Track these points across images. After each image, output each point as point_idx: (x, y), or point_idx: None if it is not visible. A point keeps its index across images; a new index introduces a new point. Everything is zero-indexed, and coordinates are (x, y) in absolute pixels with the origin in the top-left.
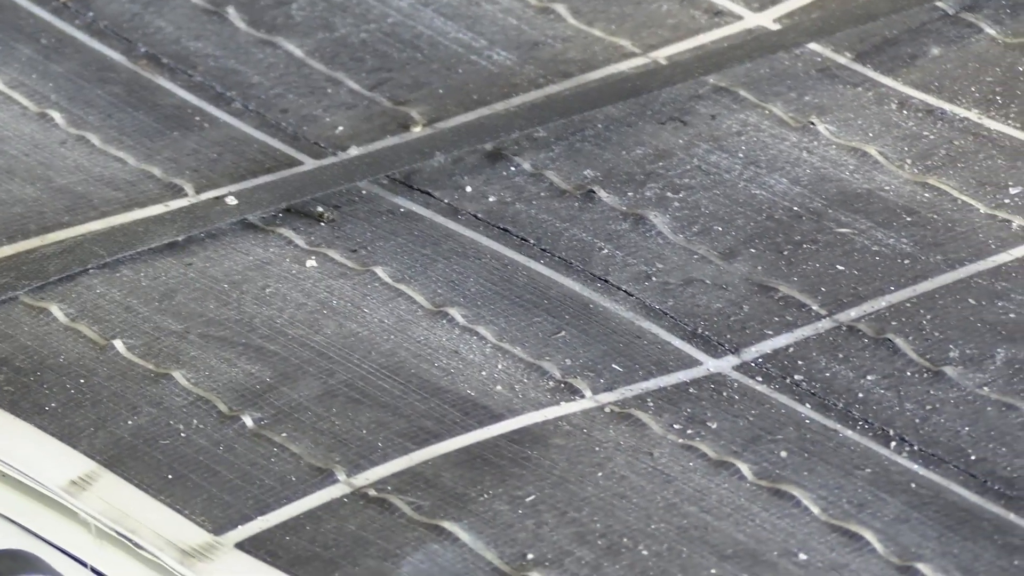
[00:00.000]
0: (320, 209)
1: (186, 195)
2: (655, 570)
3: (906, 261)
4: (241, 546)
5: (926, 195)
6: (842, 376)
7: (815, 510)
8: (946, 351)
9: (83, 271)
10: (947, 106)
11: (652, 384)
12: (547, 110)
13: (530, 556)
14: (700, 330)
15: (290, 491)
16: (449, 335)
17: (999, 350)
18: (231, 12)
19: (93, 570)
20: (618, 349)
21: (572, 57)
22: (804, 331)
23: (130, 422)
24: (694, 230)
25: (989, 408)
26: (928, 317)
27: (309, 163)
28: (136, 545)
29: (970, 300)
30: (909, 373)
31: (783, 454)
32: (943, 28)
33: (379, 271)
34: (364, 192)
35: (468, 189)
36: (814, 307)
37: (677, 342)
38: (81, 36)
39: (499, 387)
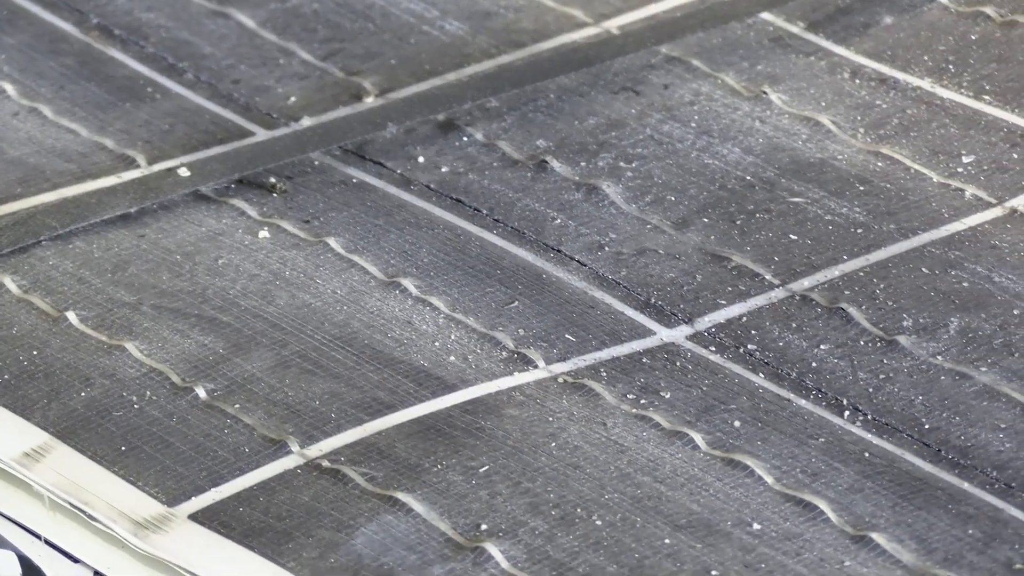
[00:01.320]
0: (272, 180)
1: (138, 166)
2: (609, 540)
3: (859, 230)
4: (194, 517)
5: (879, 164)
6: (795, 345)
7: (769, 480)
8: (899, 320)
9: (36, 243)
10: (900, 75)
11: (605, 354)
12: (499, 80)
13: (484, 526)
14: (653, 300)
15: (243, 462)
16: (402, 306)
17: (952, 319)
18: None
19: (47, 542)
20: (571, 319)
21: (524, 27)
22: (757, 300)
23: (83, 394)
24: (647, 200)
25: (943, 377)
26: (881, 286)
27: (261, 134)
28: (89, 517)
29: (923, 269)
30: (862, 342)
31: (736, 424)
32: None
33: (332, 242)
34: (316, 163)
35: (421, 159)
36: (767, 276)
37: (630, 312)
38: (33, 8)
39: (452, 358)
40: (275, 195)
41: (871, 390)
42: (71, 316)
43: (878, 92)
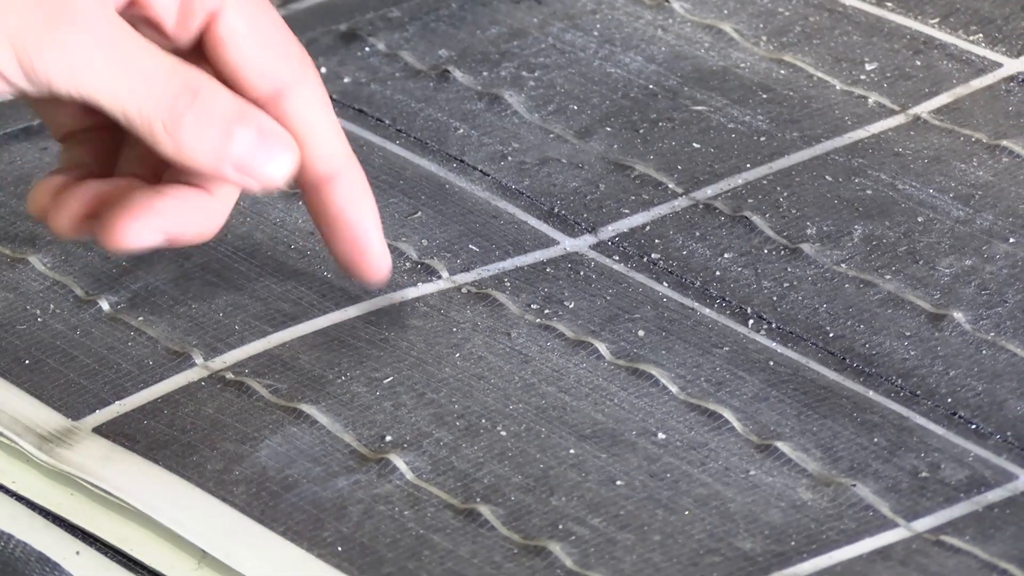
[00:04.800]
0: None
1: None
2: (513, 450)
3: (762, 138)
4: (99, 430)
5: (782, 72)
6: (699, 254)
7: (673, 389)
8: (803, 228)
9: None
10: None
11: (509, 264)
12: None
13: (388, 438)
14: (556, 209)
15: (147, 375)
16: (304, 217)
17: (856, 227)
18: None
19: None
20: (474, 229)
21: None
22: (661, 209)
23: None
24: (549, 109)
25: (847, 285)
26: (785, 194)
27: None
28: None
29: (827, 177)
30: (766, 251)
31: (640, 333)
32: None
33: None
34: None
35: (323, 70)
36: (670, 185)
37: (533, 221)
38: None
39: None
40: None
41: (775, 298)
42: None
43: None
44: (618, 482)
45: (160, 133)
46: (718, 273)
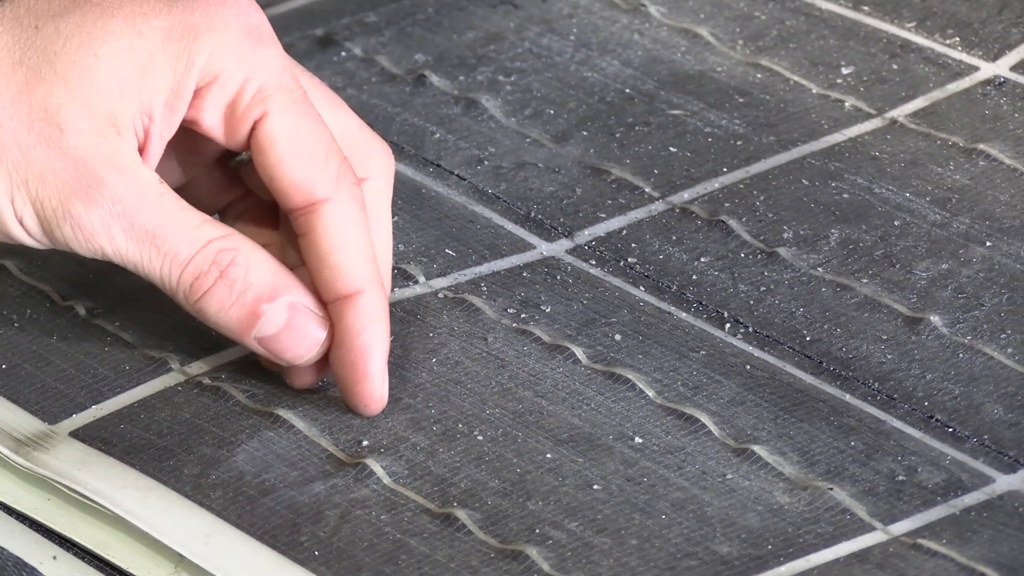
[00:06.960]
0: None
1: None
2: (490, 455)
3: (739, 142)
4: (76, 434)
5: (758, 76)
6: (676, 258)
7: (650, 393)
8: (780, 232)
9: None
10: None
11: (485, 268)
12: None
13: (365, 443)
14: (533, 214)
15: (124, 380)
16: None
17: (833, 230)
18: None
19: None
20: (451, 234)
21: None
22: (637, 213)
23: None
24: (526, 113)
25: (824, 289)
26: (761, 198)
27: None
28: None
29: (803, 181)
30: (743, 255)
31: (617, 337)
32: None
33: None
34: None
35: None
36: (647, 189)
37: (510, 226)
38: None
39: None
40: None
41: (752, 302)
42: None
43: (757, 3)
44: (595, 486)
45: (182, 301)
46: (695, 277)
